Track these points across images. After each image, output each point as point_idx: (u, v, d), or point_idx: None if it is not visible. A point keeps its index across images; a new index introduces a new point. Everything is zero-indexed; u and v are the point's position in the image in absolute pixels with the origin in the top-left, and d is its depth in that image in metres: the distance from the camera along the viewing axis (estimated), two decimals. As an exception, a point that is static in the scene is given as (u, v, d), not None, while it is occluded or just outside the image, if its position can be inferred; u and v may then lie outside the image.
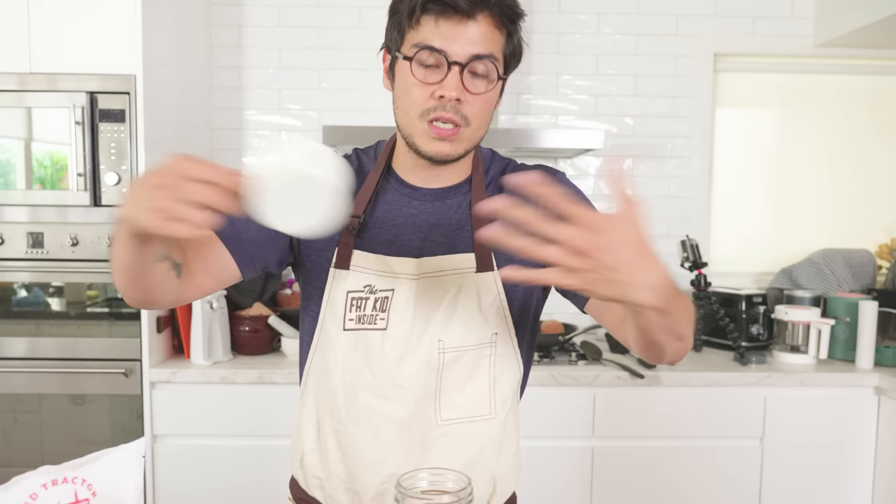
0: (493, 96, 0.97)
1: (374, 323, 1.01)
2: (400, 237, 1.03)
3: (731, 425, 2.09)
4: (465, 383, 1.02)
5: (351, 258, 1.02)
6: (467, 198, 1.05)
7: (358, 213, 1.03)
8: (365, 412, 1.02)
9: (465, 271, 1.01)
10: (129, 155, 2.00)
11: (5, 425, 2.06)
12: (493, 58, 0.93)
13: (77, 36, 1.97)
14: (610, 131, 2.64)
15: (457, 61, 0.91)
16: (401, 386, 1.00)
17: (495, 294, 1.02)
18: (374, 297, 1.01)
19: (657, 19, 2.63)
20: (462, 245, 1.03)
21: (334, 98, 2.60)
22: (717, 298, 2.40)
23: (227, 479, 2.05)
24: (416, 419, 1.01)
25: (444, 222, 1.04)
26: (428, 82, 0.93)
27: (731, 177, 2.75)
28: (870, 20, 2.28)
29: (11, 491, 0.74)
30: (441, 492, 0.82)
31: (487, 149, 1.12)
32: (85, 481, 0.83)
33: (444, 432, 1.01)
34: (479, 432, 1.02)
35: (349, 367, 1.02)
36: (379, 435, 1.01)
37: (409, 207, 1.04)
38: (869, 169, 2.75)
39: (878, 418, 2.11)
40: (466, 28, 0.91)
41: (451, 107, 0.93)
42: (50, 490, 0.77)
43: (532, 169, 1.07)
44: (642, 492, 2.09)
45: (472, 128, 0.96)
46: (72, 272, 2.03)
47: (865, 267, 2.56)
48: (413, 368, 1.00)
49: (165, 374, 2.02)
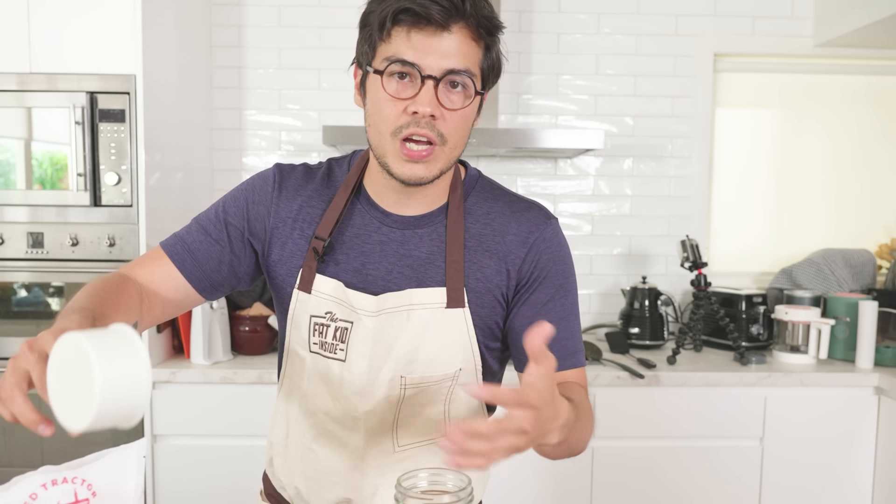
0: (471, 113, 0.92)
1: (334, 353, 0.98)
2: (367, 265, 0.98)
3: (731, 425, 2.09)
4: (421, 409, 1.00)
5: (313, 282, 0.98)
6: (440, 228, 0.99)
7: (323, 235, 0.98)
8: (326, 435, 1.02)
9: (434, 306, 0.96)
10: (129, 155, 2.00)
11: (5, 425, 2.06)
12: (470, 72, 0.88)
13: (77, 36, 1.97)
14: (610, 131, 2.64)
15: (431, 75, 0.86)
16: (357, 419, 0.99)
17: (464, 331, 0.97)
18: (334, 325, 0.98)
19: (657, 19, 2.63)
20: (431, 279, 0.97)
21: (334, 98, 2.60)
22: (717, 298, 2.40)
23: (227, 479, 2.05)
24: (373, 447, 1.00)
25: (413, 253, 0.98)
26: (400, 97, 0.87)
27: (731, 177, 2.75)
28: (870, 20, 2.28)
29: (11, 491, 0.75)
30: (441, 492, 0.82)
31: (475, 170, 1.05)
32: (85, 481, 0.83)
33: (402, 457, 1.01)
34: (436, 453, 1.00)
35: (313, 388, 1.01)
36: (336, 459, 1.01)
37: (378, 234, 0.99)
38: (869, 169, 2.75)
39: (878, 418, 2.11)
40: (441, 40, 0.86)
41: (426, 123, 0.87)
42: (50, 490, 0.77)
43: (520, 203, 1.02)
44: (642, 492, 2.09)
45: (449, 146, 0.90)
46: (72, 272, 2.03)
47: (865, 267, 2.56)
48: (371, 404, 0.98)
49: (165, 374, 2.02)
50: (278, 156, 2.62)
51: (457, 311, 0.97)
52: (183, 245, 1.01)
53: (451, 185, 1.01)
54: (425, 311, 0.96)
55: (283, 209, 1.01)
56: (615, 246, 2.69)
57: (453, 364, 0.98)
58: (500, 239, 0.99)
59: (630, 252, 2.68)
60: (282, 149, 2.63)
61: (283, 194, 1.01)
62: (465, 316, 0.97)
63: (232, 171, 2.61)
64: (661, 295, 2.47)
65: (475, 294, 0.98)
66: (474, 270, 0.98)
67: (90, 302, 0.83)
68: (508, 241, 0.98)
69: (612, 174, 2.67)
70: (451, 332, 0.97)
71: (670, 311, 2.57)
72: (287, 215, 1.01)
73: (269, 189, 1.02)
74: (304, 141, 2.62)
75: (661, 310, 2.44)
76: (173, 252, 1.01)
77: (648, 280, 2.60)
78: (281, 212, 1.01)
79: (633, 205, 2.68)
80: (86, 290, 0.88)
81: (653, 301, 2.42)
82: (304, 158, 2.62)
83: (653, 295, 2.43)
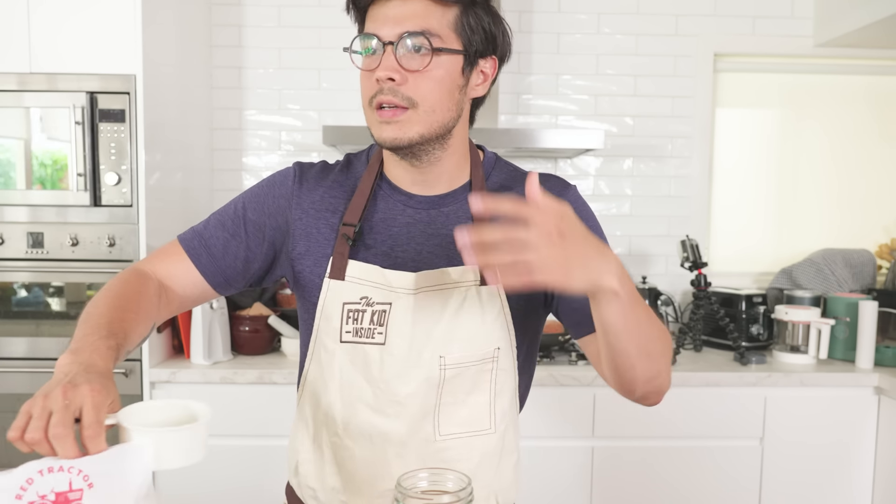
0: (441, 74, 0.92)
1: (371, 337, 0.98)
2: (395, 248, 1.00)
3: (731, 425, 2.09)
4: (465, 398, 0.99)
5: (346, 268, 0.99)
6: (465, 205, 1.01)
7: (353, 220, 0.99)
8: (362, 427, 1.00)
9: (468, 284, 0.97)
10: (129, 155, 2.00)
11: (5, 425, 2.06)
12: (429, 32, 0.90)
13: (77, 36, 1.97)
14: (610, 131, 2.64)
15: (389, 42, 0.90)
16: (399, 403, 0.98)
17: (499, 308, 0.98)
18: (371, 309, 0.98)
19: (657, 19, 2.63)
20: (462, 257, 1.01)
21: (334, 98, 2.60)
22: (717, 298, 2.40)
23: (227, 479, 2.05)
24: (415, 435, 0.99)
25: (441, 232, 1.00)
26: (369, 69, 0.92)
27: (731, 177, 2.75)
28: (870, 20, 2.28)
29: (13, 474, 0.76)
30: (441, 492, 0.82)
31: (491, 152, 1.08)
32: (81, 472, 0.83)
33: (442, 447, 0.99)
34: (478, 447, 1.00)
35: (346, 380, 1.00)
36: (376, 450, 0.99)
37: (403, 216, 1.01)
38: (869, 169, 2.75)
39: (878, 418, 2.11)
40: (395, 7, 0.90)
41: (389, 88, 0.90)
42: (46, 477, 0.77)
43: (543, 175, 1.02)
44: (642, 492, 2.09)
45: (423, 109, 0.92)
46: (72, 272, 2.03)
47: (865, 267, 2.56)
48: (413, 386, 0.97)
49: (165, 374, 2.02)
50: (278, 156, 2.62)
51: (490, 287, 0.97)
52: (200, 240, 1.02)
53: (472, 164, 1.03)
54: (460, 290, 0.97)
55: (306, 200, 1.03)
56: (615, 246, 2.69)
57: (491, 342, 0.98)
58: None
59: (630, 252, 2.68)
60: (282, 149, 2.62)
61: (305, 186, 1.03)
62: (498, 292, 0.98)
63: (232, 171, 2.61)
64: (661, 295, 2.47)
65: None
66: None
67: (112, 318, 0.85)
68: None
69: (612, 174, 2.67)
70: (486, 309, 0.98)
71: (670, 311, 2.57)
72: (310, 206, 1.02)
73: (290, 183, 1.04)
74: (304, 141, 2.62)
75: (661, 310, 2.44)
76: (190, 247, 1.02)
77: (648, 280, 2.60)
78: (303, 203, 1.02)
79: (633, 205, 2.68)
80: (106, 298, 0.89)
81: (653, 301, 2.42)
82: (305, 158, 2.61)
83: (653, 295, 2.43)
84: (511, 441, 1.04)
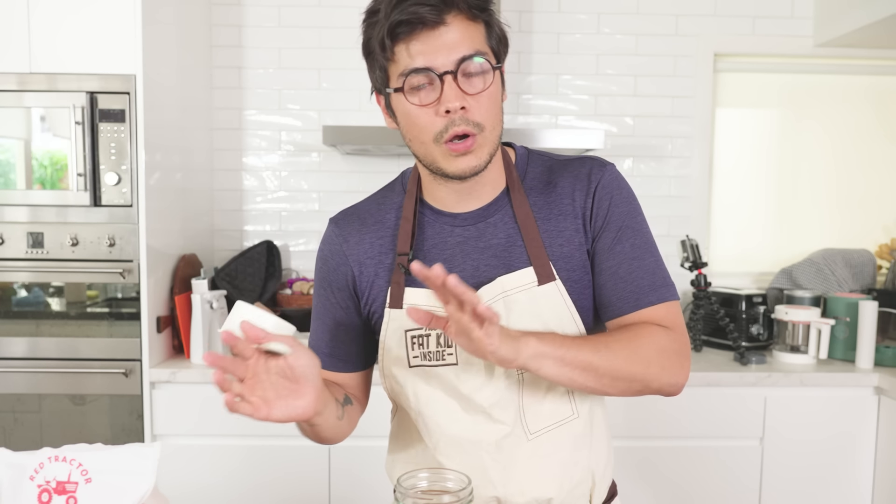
0: (496, 91, 0.93)
1: (442, 359, 0.99)
2: (453, 269, 0.99)
3: (732, 425, 2.09)
4: (546, 393, 1.00)
5: (403, 296, 1.00)
6: (508, 210, 1.01)
7: (405, 249, 1.00)
8: (453, 440, 1.01)
9: (527, 286, 0.98)
10: (129, 155, 2.00)
11: (5, 425, 2.06)
12: (481, 52, 0.90)
13: (77, 36, 1.97)
14: (610, 131, 2.64)
15: (446, 71, 0.88)
16: (486, 412, 0.99)
17: (561, 304, 0.98)
18: (435, 332, 0.99)
19: (657, 19, 2.63)
20: (517, 261, 0.99)
21: (334, 98, 2.60)
22: (717, 298, 2.40)
23: (227, 479, 2.05)
24: (507, 439, 0.99)
25: (492, 242, 1.00)
26: (427, 104, 0.90)
27: (731, 177, 2.75)
28: (870, 20, 2.28)
29: (34, 455, 0.87)
30: (441, 492, 0.82)
31: (522, 148, 1.07)
32: (81, 465, 0.86)
33: (535, 444, 1.00)
34: (567, 434, 1.01)
35: (425, 401, 1.01)
36: (470, 460, 1.00)
37: (452, 236, 1.01)
38: (869, 169, 2.75)
39: (878, 418, 2.11)
40: (442, 36, 0.88)
41: (460, 118, 0.89)
42: (51, 465, 0.86)
43: (575, 161, 1.03)
44: (642, 492, 2.09)
45: (487, 130, 0.92)
46: (72, 272, 2.03)
47: (865, 267, 2.56)
48: (495, 396, 0.98)
49: (165, 374, 2.02)
50: (278, 156, 2.62)
51: (549, 286, 0.98)
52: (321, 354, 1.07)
53: (506, 168, 1.03)
54: (520, 294, 0.97)
55: (357, 253, 1.05)
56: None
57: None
58: (569, 200, 1.00)
59: (630, 252, 2.67)
60: (282, 149, 2.62)
61: (350, 240, 1.06)
62: (558, 289, 0.98)
63: (232, 171, 2.61)
64: (661, 295, 2.46)
65: (563, 261, 0.99)
66: (554, 237, 0.99)
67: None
68: (576, 196, 1.00)
69: (612, 174, 2.66)
70: (550, 307, 0.98)
71: (670, 311, 2.57)
72: (364, 257, 1.05)
73: (337, 248, 1.07)
74: (304, 141, 2.62)
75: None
76: (326, 365, 1.07)
77: (648, 280, 2.59)
78: (358, 256, 1.05)
79: (633, 205, 2.67)
80: None
81: (653, 301, 2.42)
82: (305, 158, 2.62)
83: (653, 295, 2.42)
84: (600, 421, 1.06)
